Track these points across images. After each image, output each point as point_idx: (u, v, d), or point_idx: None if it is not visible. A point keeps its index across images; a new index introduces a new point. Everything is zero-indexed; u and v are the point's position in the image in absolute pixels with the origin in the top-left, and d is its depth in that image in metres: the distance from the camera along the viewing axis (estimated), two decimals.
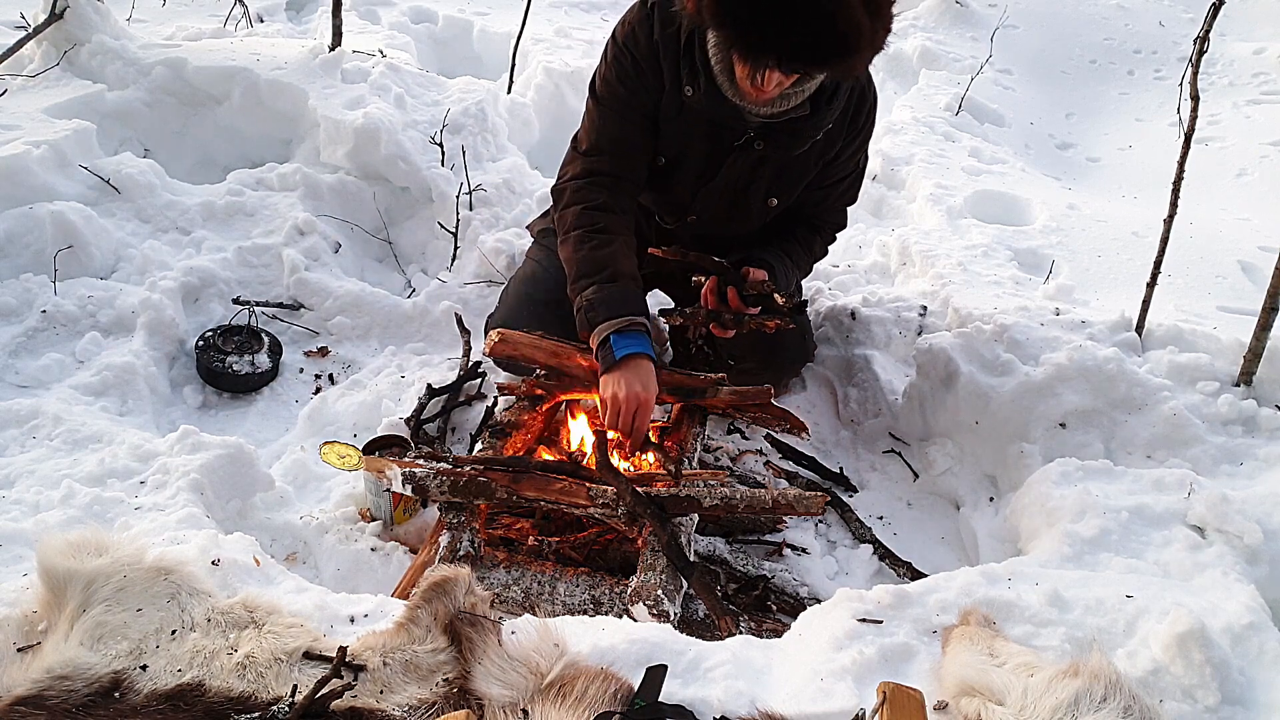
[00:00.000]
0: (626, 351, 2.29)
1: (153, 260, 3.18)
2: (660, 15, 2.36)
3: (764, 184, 2.56)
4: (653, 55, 2.39)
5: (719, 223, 2.67)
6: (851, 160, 2.63)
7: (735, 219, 2.65)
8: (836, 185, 2.67)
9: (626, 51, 2.42)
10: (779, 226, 2.72)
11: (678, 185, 2.60)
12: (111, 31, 4.14)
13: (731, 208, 2.61)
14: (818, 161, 2.55)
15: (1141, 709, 1.45)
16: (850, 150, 2.58)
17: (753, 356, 2.78)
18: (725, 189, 2.57)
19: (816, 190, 2.66)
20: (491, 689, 1.55)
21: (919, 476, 2.84)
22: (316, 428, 2.85)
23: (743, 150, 2.47)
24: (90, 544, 1.72)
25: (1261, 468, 2.45)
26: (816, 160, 2.54)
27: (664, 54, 2.38)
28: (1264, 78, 5.17)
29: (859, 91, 2.47)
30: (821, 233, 2.79)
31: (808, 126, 2.38)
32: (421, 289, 3.37)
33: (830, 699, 1.61)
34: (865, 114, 2.52)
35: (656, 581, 2.06)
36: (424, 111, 3.95)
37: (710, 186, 2.57)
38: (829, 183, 2.65)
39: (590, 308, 2.35)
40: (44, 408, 2.52)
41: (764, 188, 2.57)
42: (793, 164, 2.52)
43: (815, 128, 2.39)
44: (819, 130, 2.41)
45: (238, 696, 1.53)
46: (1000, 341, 2.81)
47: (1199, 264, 3.46)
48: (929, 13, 5.65)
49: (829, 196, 2.70)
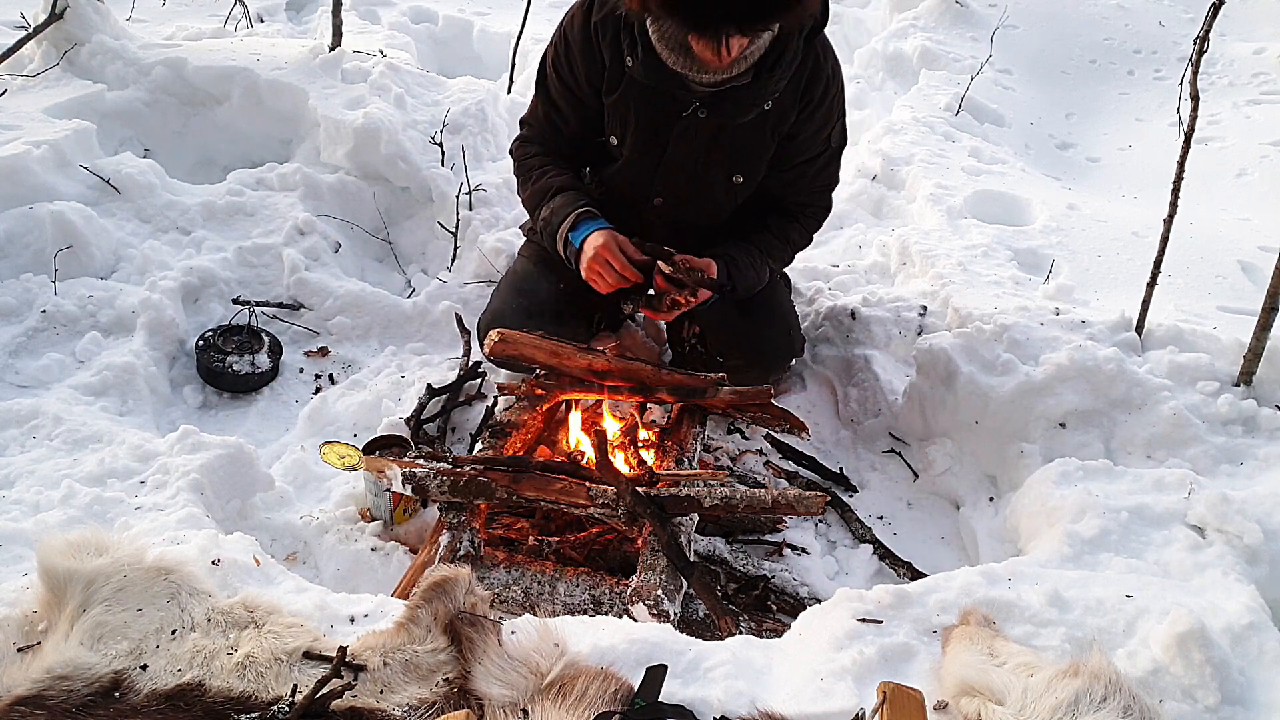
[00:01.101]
0: (582, 236, 2.51)
1: (153, 260, 3.18)
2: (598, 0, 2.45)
3: (723, 159, 2.56)
4: (590, 39, 2.47)
5: (686, 205, 2.67)
6: (818, 138, 2.58)
7: (701, 199, 2.65)
8: (807, 166, 2.63)
9: (564, 38, 2.54)
10: (753, 216, 2.71)
11: (633, 162, 2.61)
12: (111, 31, 4.15)
13: (694, 186, 2.62)
14: (773, 135, 2.53)
15: (1141, 709, 1.45)
16: (812, 128, 2.54)
17: (737, 353, 2.79)
18: (683, 165, 2.57)
19: (786, 171, 2.63)
20: (491, 689, 1.55)
21: (919, 476, 2.84)
22: (316, 428, 2.85)
23: (690, 121, 2.48)
24: (90, 544, 1.73)
25: (1261, 468, 2.45)
26: (771, 133, 2.52)
27: (602, 34, 2.45)
28: (1264, 78, 5.17)
29: (812, 65, 2.45)
30: (800, 219, 2.74)
31: (749, 94, 2.39)
32: (421, 289, 3.37)
33: (830, 699, 1.61)
34: (823, 88, 2.49)
35: (656, 581, 2.06)
36: (424, 111, 3.95)
37: (667, 162, 2.58)
38: (797, 162, 2.61)
39: (546, 224, 2.60)
40: (44, 408, 2.52)
41: (724, 163, 2.57)
42: (746, 137, 2.51)
43: (758, 96, 2.39)
44: (762, 98, 2.41)
45: (238, 696, 1.53)
46: (1000, 341, 2.81)
47: (1199, 264, 3.46)
48: (929, 13, 5.64)
49: (801, 178, 2.66)
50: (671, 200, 2.66)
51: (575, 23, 2.50)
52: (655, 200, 2.67)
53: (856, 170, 4.11)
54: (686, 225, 2.71)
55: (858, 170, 4.10)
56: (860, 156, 4.21)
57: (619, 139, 2.59)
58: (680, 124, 2.49)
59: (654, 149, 2.57)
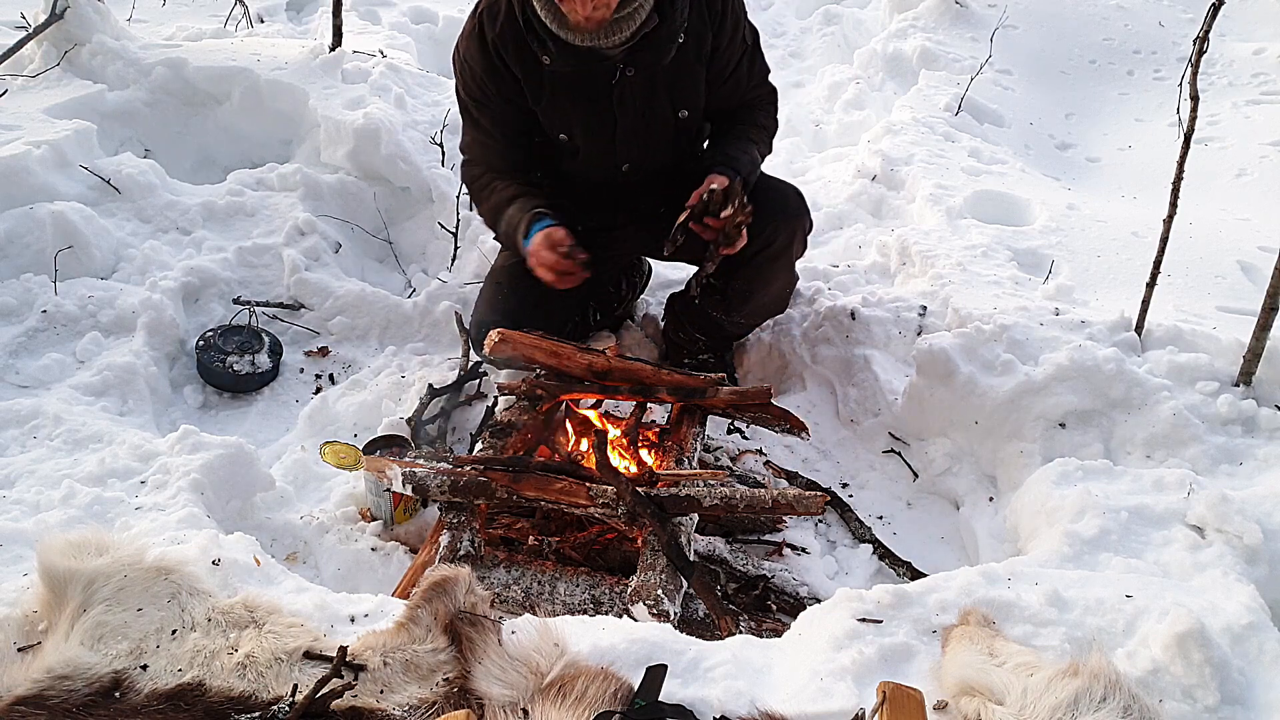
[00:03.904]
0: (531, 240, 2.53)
1: (153, 260, 3.19)
2: (488, 16, 2.49)
3: (664, 102, 2.61)
4: (493, 59, 2.52)
5: (649, 158, 2.72)
6: (735, 43, 2.64)
7: (659, 147, 2.70)
8: (737, 70, 2.69)
9: (467, 65, 2.59)
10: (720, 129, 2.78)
11: (591, 146, 2.66)
12: (112, 32, 4.15)
13: (650, 140, 2.66)
14: (698, 60, 2.58)
15: (1141, 709, 1.45)
16: (725, 37, 2.60)
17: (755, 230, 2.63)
18: (634, 127, 2.62)
19: (722, 85, 2.69)
20: (492, 688, 1.55)
21: (919, 476, 2.84)
22: (317, 428, 2.85)
23: (622, 85, 2.53)
24: (91, 544, 1.73)
25: (1261, 468, 2.45)
26: (696, 59, 2.57)
27: (505, 50, 2.49)
28: (1264, 78, 5.16)
29: None
30: (757, 109, 2.80)
31: (664, 34, 2.44)
32: (422, 289, 3.37)
33: (830, 699, 1.61)
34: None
35: (656, 581, 2.06)
36: (424, 111, 3.95)
37: (620, 131, 2.62)
38: (728, 73, 2.67)
39: (507, 238, 2.68)
40: (44, 408, 2.53)
41: (666, 105, 2.62)
42: (676, 73, 2.56)
43: (671, 32, 2.45)
44: (675, 33, 2.46)
45: (238, 696, 1.53)
46: (1000, 341, 2.81)
47: (1199, 264, 3.46)
48: (929, 13, 5.64)
49: (737, 84, 2.72)
50: (636, 160, 2.71)
51: (472, 51, 2.55)
52: (623, 167, 2.72)
53: (856, 170, 4.11)
54: (655, 174, 2.76)
55: (857, 170, 4.10)
56: (860, 156, 4.21)
57: (568, 134, 2.64)
58: (616, 91, 2.54)
59: (605, 125, 2.61)
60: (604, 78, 2.51)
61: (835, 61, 5.66)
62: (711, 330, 2.93)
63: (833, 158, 4.49)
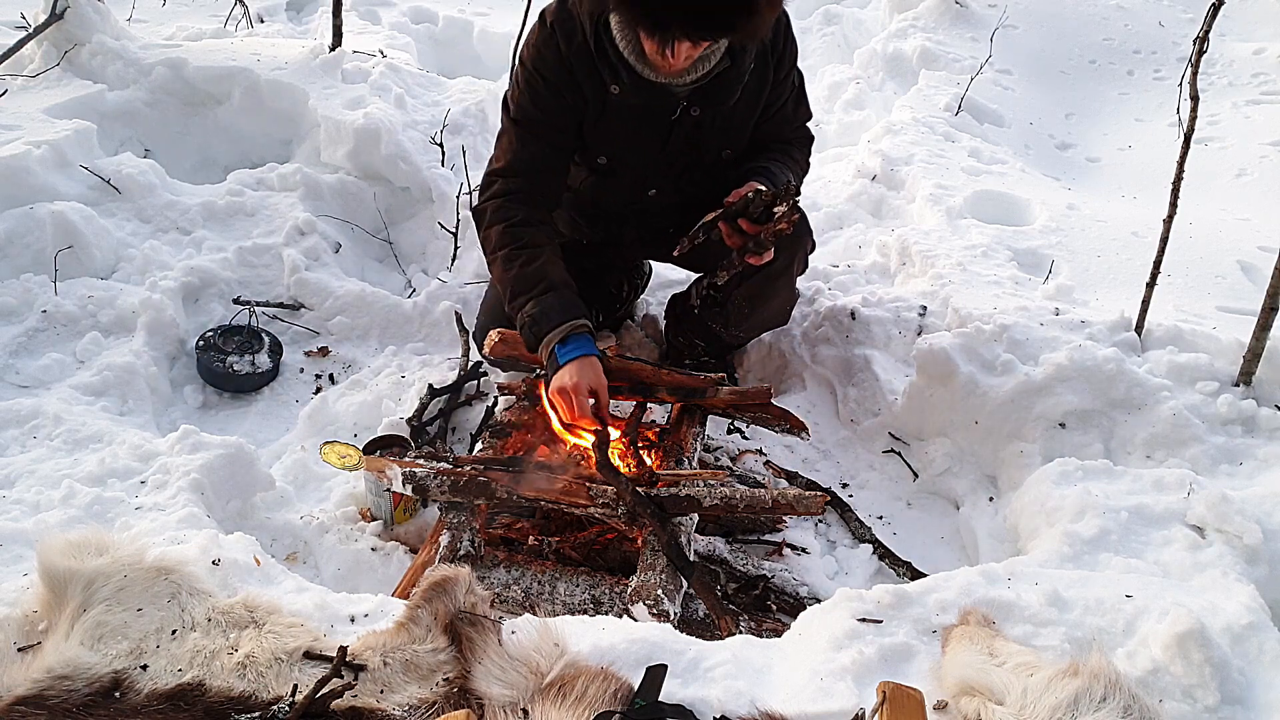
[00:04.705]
0: (569, 358, 2.32)
1: (153, 260, 3.19)
2: (562, 31, 2.39)
3: (713, 142, 2.58)
4: (565, 72, 2.42)
5: (679, 188, 2.69)
6: (785, 84, 2.62)
7: (691, 180, 2.67)
8: (782, 109, 2.66)
9: (538, 75, 2.44)
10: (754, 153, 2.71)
11: (627, 171, 2.63)
12: (112, 31, 4.15)
13: (687, 172, 2.64)
14: (757, 102, 2.56)
15: (1141, 709, 1.45)
16: (781, 74, 2.58)
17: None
18: (676, 159, 2.59)
19: (766, 123, 2.66)
20: (492, 688, 1.55)
21: (919, 476, 2.84)
22: (317, 428, 2.85)
23: (680, 120, 2.50)
24: (91, 544, 1.73)
25: (1261, 468, 2.45)
26: (755, 101, 2.56)
27: (577, 68, 2.40)
28: (1264, 78, 5.16)
29: None
30: (794, 145, 2.75)
31: (733, 76, 2.41)
32: (422, 289, 3.37)
33: (830, 699, 1.61)
34: (781, 35, 2.52)
35: (656, 581, 2.06)
36: (424, 112, 3.95)
37: (662, 160, 2.59)
38: (774, 112, 2.65)
39: (533, 323, 2.37)
40: (44, 408, 2.53)
41: (715, 145, 2.59)
42: (732, 114, 2.54)
43: (740, 75, 2.43)
44: (744, 75, 2.44)
45: (238, 696, 1.53)
46: (1000, 341, 2.81)
47: (1199, 264, 3.46)
48: (929, 13, 5.64)
49: (782, 124, 2.69)
50: (664, 188, 2.68)
51: (546, 62, 2.42)
52: (650, 192, 2.69)
53: (856, 170, 4.11)
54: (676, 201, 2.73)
55: (857, 170, 4.11)
56: (860, 156, 4.21)
57: (609, 158, 2.59)
58: (671, 126, 2.50)
59: (650, 155, 2.58)
60: (666, 112, 2.47)
61: (835, 61, 5.67)
62: (710, 339, 2.93)
63: (833, 158, 4.49)
